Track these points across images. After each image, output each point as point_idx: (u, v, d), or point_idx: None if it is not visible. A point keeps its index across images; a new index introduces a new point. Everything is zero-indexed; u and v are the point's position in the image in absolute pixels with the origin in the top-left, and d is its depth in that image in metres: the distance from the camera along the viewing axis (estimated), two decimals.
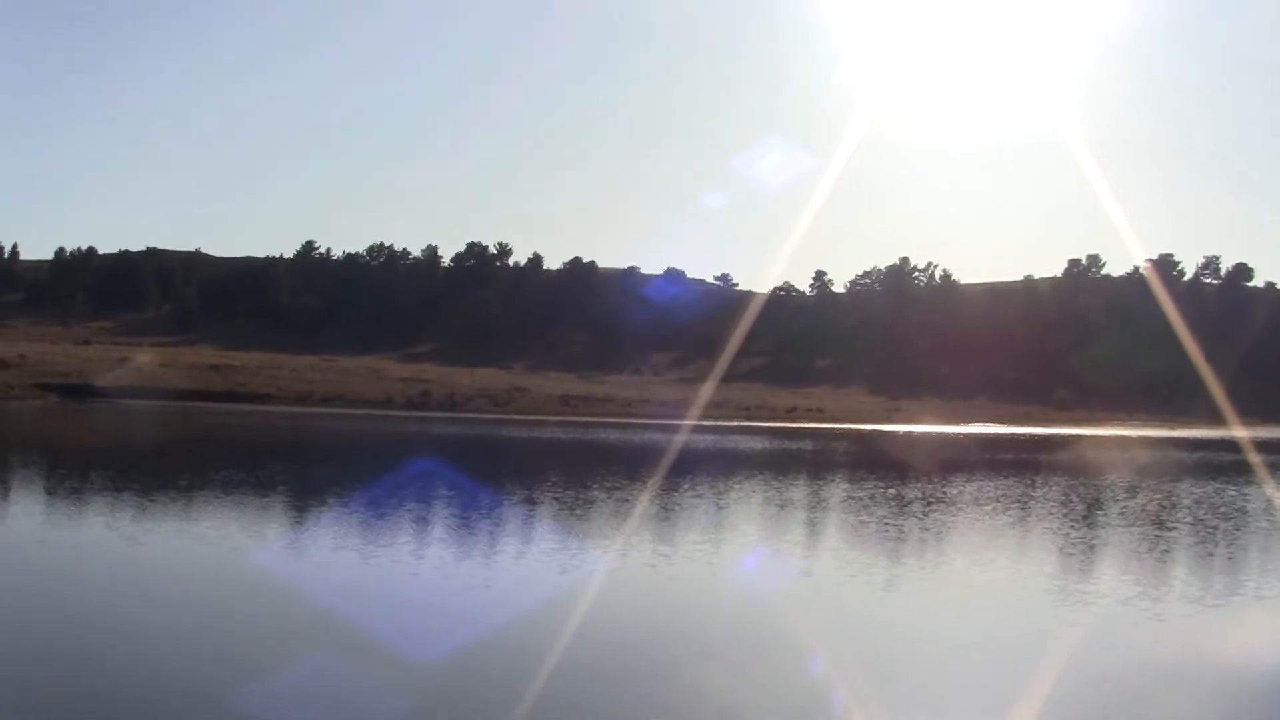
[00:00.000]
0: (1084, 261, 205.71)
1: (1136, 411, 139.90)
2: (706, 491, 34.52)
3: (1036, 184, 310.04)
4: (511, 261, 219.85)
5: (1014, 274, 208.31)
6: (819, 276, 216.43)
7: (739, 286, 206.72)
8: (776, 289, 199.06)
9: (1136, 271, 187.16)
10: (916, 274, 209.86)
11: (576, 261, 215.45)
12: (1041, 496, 36.66)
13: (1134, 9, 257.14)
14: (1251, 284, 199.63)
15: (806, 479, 41.92)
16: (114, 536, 21.19)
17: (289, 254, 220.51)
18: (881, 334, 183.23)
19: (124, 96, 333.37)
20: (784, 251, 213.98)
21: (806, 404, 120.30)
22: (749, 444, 63.60)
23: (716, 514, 29.11)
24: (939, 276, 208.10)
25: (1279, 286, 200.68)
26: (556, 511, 28.29)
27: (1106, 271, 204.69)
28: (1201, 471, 52.52)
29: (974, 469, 49.54)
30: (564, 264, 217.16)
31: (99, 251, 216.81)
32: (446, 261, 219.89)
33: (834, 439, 74.41)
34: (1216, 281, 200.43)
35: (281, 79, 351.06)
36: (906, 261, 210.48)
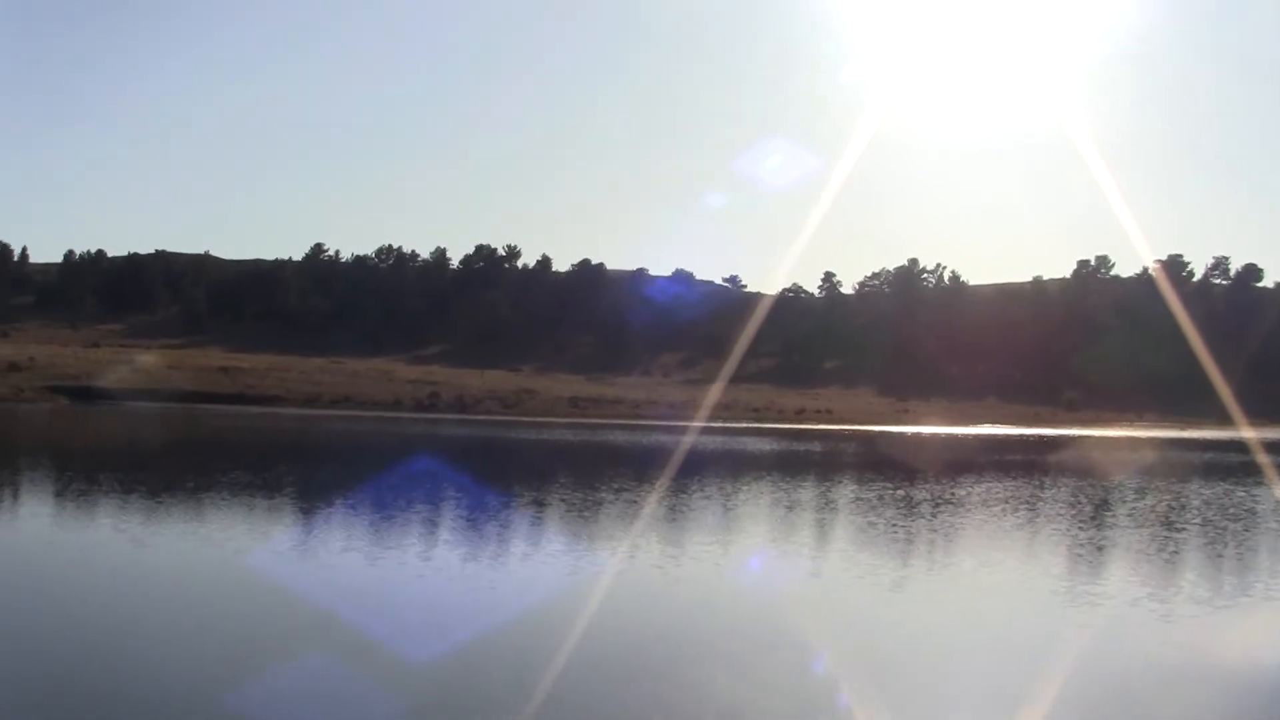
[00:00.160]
0: (1093, 262, 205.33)
1: (1145, 412, 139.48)
2: (714, 493, 34.49)
3: (1045, 185, 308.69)
4: (520, 263, 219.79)
5: (1023, 275, 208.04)
6: (828, 277, 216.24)
7: (747, 288, 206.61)
8: (785, 290, 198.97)
9: (1145, 272, 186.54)
10: (925, 275, 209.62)
11: (585, 263, 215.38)
12: (1050, 497, 36.57)
13: (1143, 9, 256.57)
14: (1261, 284, 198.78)
15: (814, 480, 41.87)
16: (120, 538, 21.24)
17: (298, 256, 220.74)
18: (890, 335, 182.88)
19: (133, 99, 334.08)
20: (792, 252, 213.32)
21: (815, 405, 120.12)
22: (757, 445, 63.55)
23: (724, 515, 29.09)
24: (948, 277, 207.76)
25: None
26: (564, 513, 28.29)
27: (1115, 272, 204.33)
28: (1210, 472, 52.37)
29: (982, 470, 49.45)
30: (572, 266, 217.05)
31: (108, 254, 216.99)
32: (455, 263, 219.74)
33: (842, 440, 74.32)
34: (1225, 282, 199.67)
35: (290, 81, 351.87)
36: (915, 262, 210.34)
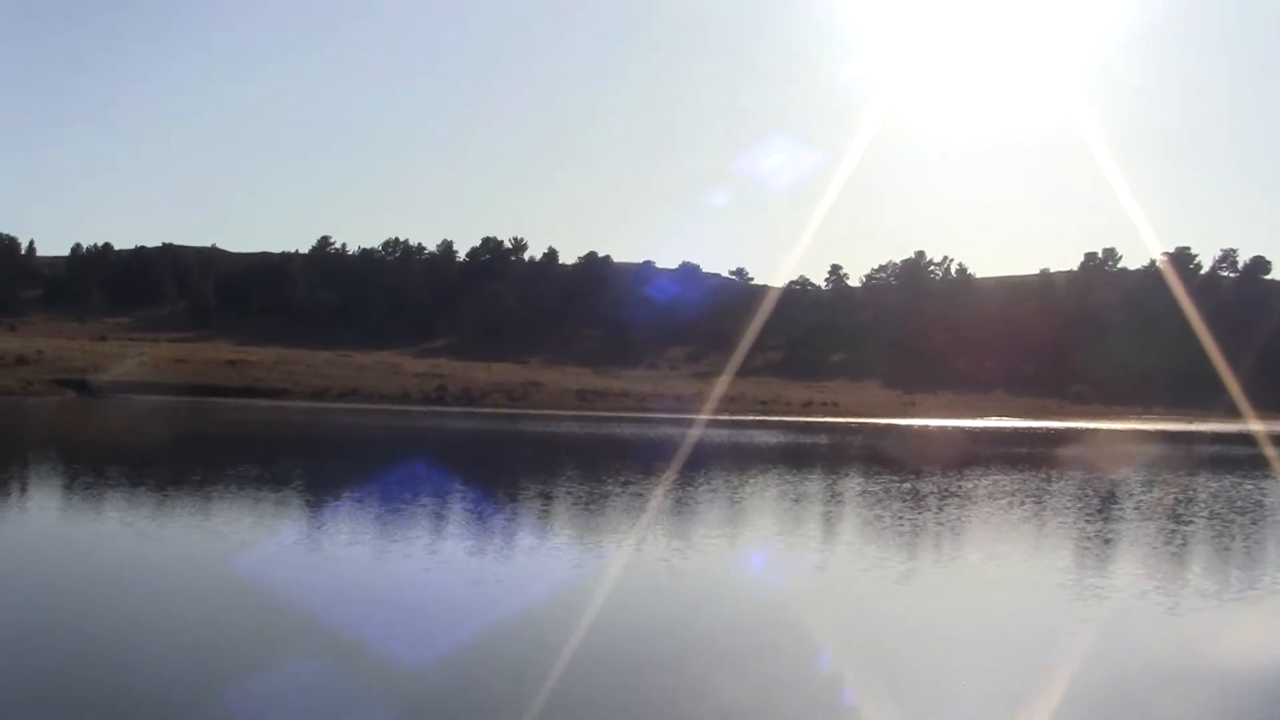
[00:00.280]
0: (1100, 255, 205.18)
1: (1153, 405, 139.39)
2: (721, 486, 34.48)
3: (1052, 178, 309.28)
4: (527, 256, 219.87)
5: (1030, 268, 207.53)
6: (834, 271, 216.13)
7: (754, 281, 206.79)
8: (791, 283, 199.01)
9: (1153, 265, 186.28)
10: (932, 268, 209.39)
11: (591, 256, 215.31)
12: (1057, 491, 36.52)
13: (1149, 1, 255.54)
14: (1269, 277, 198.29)
15: (821, 473, 41.84)
16: (126, 532, 21.27)
17: (305, 249, 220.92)
18: (897, 328, 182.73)
19: (142, 93, 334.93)
20: (799, 246, 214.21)
21: (821, 398, 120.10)
22: (764, 438, 63.54)
23: (731, 508, 29.10)
24: (954, 271, 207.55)
25: None
26: (571, 506, 28.31)
27: (1123, 265, 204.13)
28: (1218, 465, 52.30)
29: (989, 463, 49.39)
30: (579, 259, 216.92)
31: (115, 248, 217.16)
32: (462, 256, 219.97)
33: (849, 433, 74.29)
34: (1233, 275, 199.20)
35: (298, 75, 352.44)
36: (922, 255, 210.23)
